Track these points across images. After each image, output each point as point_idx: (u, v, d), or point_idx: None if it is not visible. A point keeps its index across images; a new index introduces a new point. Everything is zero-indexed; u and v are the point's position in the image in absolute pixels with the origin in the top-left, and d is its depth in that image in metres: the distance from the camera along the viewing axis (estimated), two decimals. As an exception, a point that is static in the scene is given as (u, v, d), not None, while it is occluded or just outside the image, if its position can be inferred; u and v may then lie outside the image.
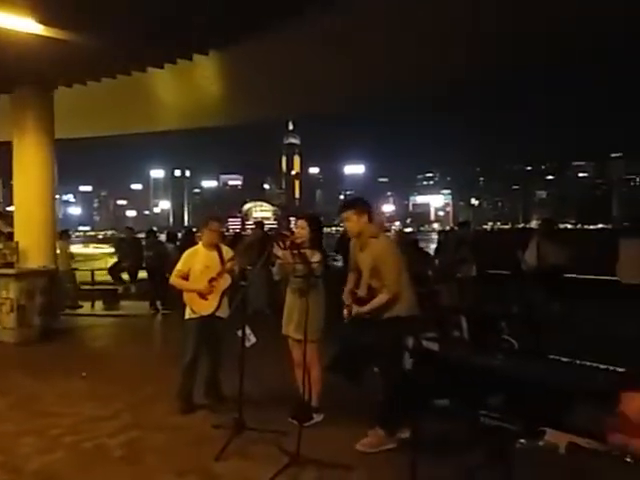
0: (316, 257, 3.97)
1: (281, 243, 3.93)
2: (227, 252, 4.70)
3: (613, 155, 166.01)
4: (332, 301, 4.14)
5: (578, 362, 2.98)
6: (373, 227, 3.86)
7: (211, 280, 4.53)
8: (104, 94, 9.76)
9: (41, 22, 6.19)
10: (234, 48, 7.85)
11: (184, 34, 6.89)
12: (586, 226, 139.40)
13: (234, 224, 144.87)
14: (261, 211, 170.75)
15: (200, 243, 4.78)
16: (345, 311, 3.82)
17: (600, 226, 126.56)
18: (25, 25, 6.18)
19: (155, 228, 11.82)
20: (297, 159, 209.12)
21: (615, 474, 2.78)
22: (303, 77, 10.29)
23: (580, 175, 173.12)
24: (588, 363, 2.93)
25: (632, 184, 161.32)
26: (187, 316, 4.61)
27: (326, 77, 10.45)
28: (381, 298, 3.67)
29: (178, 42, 7.16)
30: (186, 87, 10.85)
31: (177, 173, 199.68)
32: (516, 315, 3.63)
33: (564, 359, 3.02)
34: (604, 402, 2.89)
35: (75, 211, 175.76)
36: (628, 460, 2.66)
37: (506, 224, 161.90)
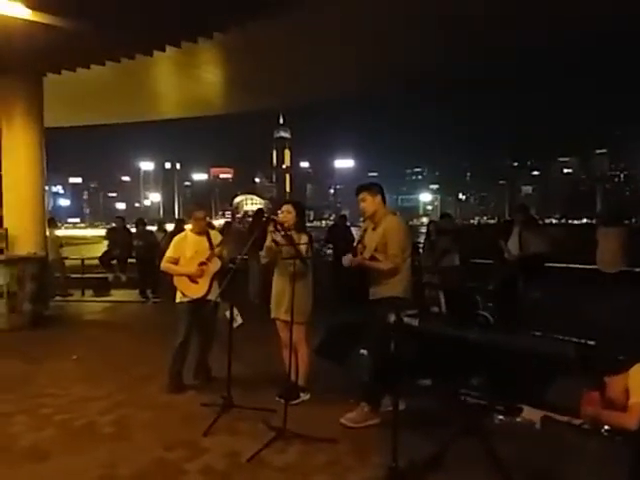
0: (303, 239, 4.10)
1: (273, 226, 4.04)
2: (215, 237, 4.80)
3: (598, 152, 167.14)
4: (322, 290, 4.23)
5: (548, 336, 3.12)
6: (387, 208, 4.04)
7: (201, 264, 4.62)
8: (96, 82, 9.77)
9: (29, 7, 6.17)
10: (234, 34, 7.83)
11: (164, 22, 6.92)
12: (570, 221, 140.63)
13: (226, 217, 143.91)
14: (252, 204, 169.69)
15: (188, 229, 4.88)
16: (347, 259, 3.91)
17: (584, 221, 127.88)
18: (13, 10, 6.16)
19: (145, 220, 11.82)
20: (287, 153, 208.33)
21: (589, 446, 2.90)
22: (303, 66, 10.37)
23: (565, 171, 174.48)
24: (560, 337, 3.07)
25: (616, 180, 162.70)
26: (178, 300, 4.70)
27: (324, 67, 10.51)
28: (384, 263, 3.80)
29: (163, 28, 7.18)
30: (179, 75, 10.86)
31: (167, 166, 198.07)
32: (492, 292, 3.75)
33: (537, 333, 3.15)
34: (576, 375, 3.03)
35: (65, 203, 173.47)
36: (604, 433, 2.81)
37: (492, 219, 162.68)
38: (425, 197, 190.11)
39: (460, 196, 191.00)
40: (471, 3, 7.56)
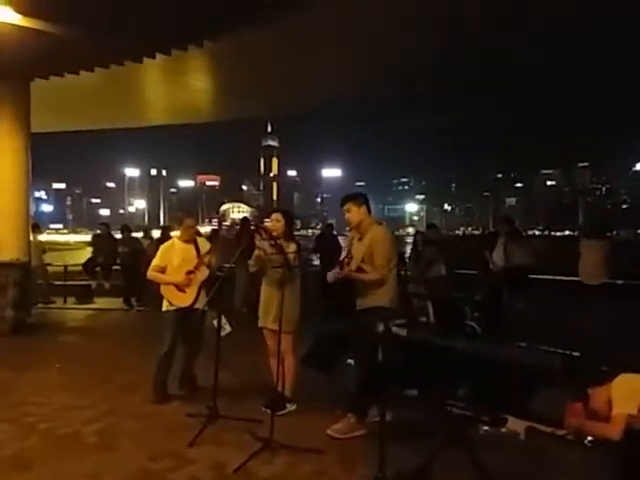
0: (292, 248, 4.12)
1: (262, 234, 4.06)
2: (203, 244, 4.78)
3: (580, 165, 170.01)
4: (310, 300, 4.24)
5: (534, 347, 3.17)
6: (372, 217, 4.07)
7: (188, 273, 4.59)
8: (84, 87, 9.71)
9: (19, 12, 6.14)
10: (225, 41, 7.82)
11: (155, 30, 6.92)
12: (553, 233, 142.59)
13: (212, 225, 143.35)
14: (239, 212, 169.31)
15: (176, 237, 4.85)
16: (331, 275, 3.93)
17: (567, 233, 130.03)
18: (2, 14, 6.12)
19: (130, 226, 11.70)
20: (275, 161, 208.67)
21: (573, 456, 2.95)
22: (299, 70, 10.41)
23: (548, 183, 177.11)
24: (544, 347, 3.12)
25: (597, 193, 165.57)
26: (164, 308, 4.66)
27: (320, 69, 10.56)
28: (371, 274, 3.82)
29: (154, 35, 7.18)
30: (168, 82, 10.85)
31: (153, 172, 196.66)
32: (479, 302, 3.80)
33: (522, 344, 3.20)
34: (560, 386, 3.08)
35: (47, 208, 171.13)
36: (587, 443, 2.86)
37: (477, 230, 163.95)
38: (411, 207, 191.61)
39: (446, 207, 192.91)
40: (467, 5, 7.64)
